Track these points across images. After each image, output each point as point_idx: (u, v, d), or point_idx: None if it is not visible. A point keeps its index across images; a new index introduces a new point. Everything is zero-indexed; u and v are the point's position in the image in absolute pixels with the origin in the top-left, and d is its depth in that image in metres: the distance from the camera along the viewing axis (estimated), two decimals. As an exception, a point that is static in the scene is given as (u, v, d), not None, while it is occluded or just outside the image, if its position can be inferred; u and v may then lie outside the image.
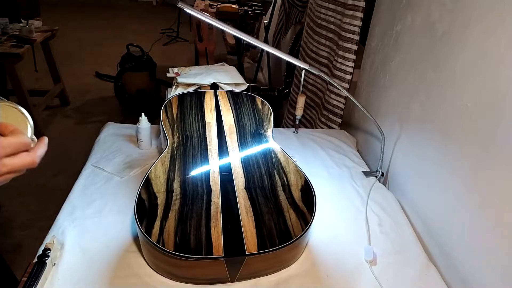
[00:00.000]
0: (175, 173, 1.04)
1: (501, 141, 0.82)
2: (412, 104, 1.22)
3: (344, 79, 1.67)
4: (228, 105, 1.35)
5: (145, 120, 1.32)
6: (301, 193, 1.02)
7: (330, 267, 0.95)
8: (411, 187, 1.21)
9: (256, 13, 3.29)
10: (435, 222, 1.06)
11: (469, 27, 0.95)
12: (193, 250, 0.83)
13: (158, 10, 6.40)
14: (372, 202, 1.20)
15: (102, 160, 1.27)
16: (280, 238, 0.88)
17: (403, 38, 1.30)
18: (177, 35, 4.84)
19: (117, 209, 1.05)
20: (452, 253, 0.98)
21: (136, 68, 2.96)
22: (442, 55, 1.06)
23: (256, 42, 1.30)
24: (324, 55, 1.87)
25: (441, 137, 1.05)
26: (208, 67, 1.71)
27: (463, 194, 0.95)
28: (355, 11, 1.55)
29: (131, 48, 3.01)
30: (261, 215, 0.94)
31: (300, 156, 1.39)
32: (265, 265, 0.90)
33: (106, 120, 1.55)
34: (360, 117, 1.67)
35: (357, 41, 1.59)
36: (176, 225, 0.88)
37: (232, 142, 1.20)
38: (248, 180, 1.05)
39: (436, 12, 1.10)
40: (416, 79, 1.20)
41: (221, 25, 1.24)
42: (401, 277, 0.94)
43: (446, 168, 1.02)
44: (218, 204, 0.95)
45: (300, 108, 1.52)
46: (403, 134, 1.27)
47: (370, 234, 1.07)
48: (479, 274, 0.88)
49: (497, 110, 0.84)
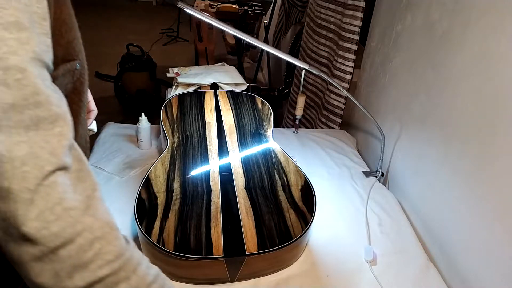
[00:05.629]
0: (175, 173, 1.04)
1: (501, 141, 0.82)
2: (412, 104, 1.22)
3: (344, 79, 1.67)
4: (228, 105, 1.35)
5: (145, 120, 1.32)
6: (301, 193, 1.02)
7: (330, 267, 0.95)
8: (411, 187, 1.21)
9: (256, 13, 3.28)
10: (435, 222, 1.06)
11: (469, 27, 0.95)
12: (193, 250, 0.83)
13: (158, 10, 6.40)
14: (372, 202, 1.20)
15: (102, 160, 1.27)
16: (280, 238, 0.88)
17: (403, 38, 1.30)
18: (177, 35, 4.84)
19: (117, 209, 1.05)
20: (452, 253, 0.98)
21: (136, 68, 2.96)
22: (442, 55, 1.06)
23: (256, 42, 1.30)
24: (324, 55, 1.87)
25: (441, 137, 1.05)
26: (208, 67, 1.71)
27: (463, 194, 0.95)
28: (355, 11, 1.55)
29: (131, 48, 3.01)
30: (261, 215, 0.94)
31: (300, 156, 1.39)
32: (265, 265, 0.90)
33: (106, 120, 1.55)
34: (360, 117, 1.67)
35: (357, 41, 1.59)
36: (176, 225, 0.88)
37: (232, 142, 1.20)
38: (248, 180, 1.05)
39: (436, 12, 1.10)
40: (416, 79, 1.20)
41: (221, 25, 1.24)
42: (401, 277, 0.94)
43: (446, 168, 1.02)
44: (218, 204, 0.95)
45: (300, 108, 1.52)
46: (403, 134, 1.27)
47: (370, 234, 1.07)
48: (479, 274, 0.88)
49: (497, 110, 0.84)
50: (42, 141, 0.40)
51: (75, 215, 0.41)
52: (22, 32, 0.39)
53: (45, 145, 0.40)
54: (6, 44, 0.37)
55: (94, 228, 0.43)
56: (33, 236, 0.39)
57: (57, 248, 0.40)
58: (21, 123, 0.39)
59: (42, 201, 0.40)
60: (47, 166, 0.40)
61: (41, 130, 0.40)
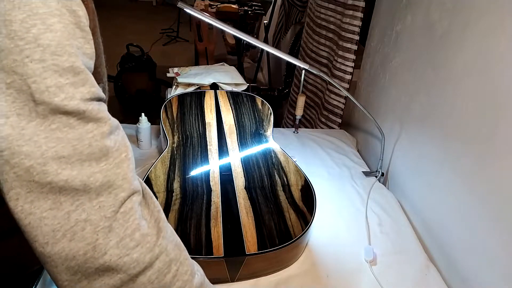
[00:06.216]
0: (175, 173, 1.04)
1: (501, 141, 0.82)
2: (412, 104, 1.22)
3: (344, 79, 1.67)
4: (228, 105, 1.35)
5: (145, 120, 1.32)
6: (301, 193, 1.02)
7: (330, 267, 0.95)
8: (411, 187, 1.21)
9: (256, 13, 3.29)
10: (435, 222, 1.06)
11: (469, 27, 0.95)
12: (193, 250, 0.83)
13: (158, 10, 6.40)
14: (372, 202, 1.20)
15: (102, 160, 1.27)
16: (280, 238, 0.88)
17: (403, 38, 1.30)
18: (177, 35, 4.84)
19: (117, 209, 1.05)
20: (452, 253, 0.98)
21: (136, 68, 2.96)
22: (442, 55, 1.06)
23: (256, 42, 1.30)
24: (324, 55, 1.87)
25: (441, 137, 1.05)
26: (208, 67, 1.71)
27: (463, 194, 0.95)
28: (355, 11, 1.55)
29: (131, 48, 3.01)
30: (261, 215, 0.94)
31: (300, 156, 1.39)
32: (265, 265, 0.90)
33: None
34: (360, 117, 1.67)
35: (357, 41, 1.59)
36: (176, 225, 0.88)
37: (232, 142, 1.20)
38: (248, 180, 1.05)
39: (436, 12, 1.10)
40: (416, 79, 1.20)
41: (221, 25, 1.24)
42: (401, 277, 0.94)
43: (446, 168, 1.02)
44: (218, 204, 0.95)
45: (300, 108, 1.52)
46: (403, 134, 1.27)
47: (370, 234, 1.07)
48: (479, 274, 0.88)
49: (497, 109, 0.84)
50: (114, 168, 0.42)
51: (151, 240, 0.42)
52: (78, 75, 0.40)
53: (118, 170, 0.42)
54: (63, 91, 0.38)
55: (169, 250, 0.44)
56: (114, 263, 0.39)
57: (137, 275, 0.40)
58: (92, 156, 0.40)
59: (122, 228, 0.40)
60: (122, 193, 0.41)
61: (111, 158, 0.42)
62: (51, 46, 0.38)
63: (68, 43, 0.39)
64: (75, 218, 0.38)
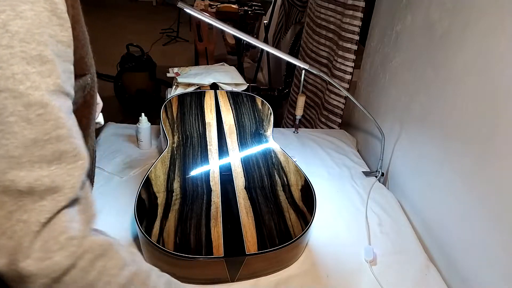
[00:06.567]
0: (175, 173, 1.04)
1: (501, 141, 0.82)
2: (412, 104, 1.22)
3: (344, 79, 1.67)
4: (228, 105, 1.35)
5: (145, 120, 1.32)
6: (301, 193, 1.02)
7: (330, 267, 0.95)
8: (411, 187, 1.21)
9: (256, 13, 3.28)
10: (435, 222, 1.06)
11: (469, 27, 0.95)
12: (193, 250, 0.83)
13: (158, 10, 6.40)
14: (372, 202, 1.20)
15: (102, 160, 1.27)
16: (280, 238, 0.88)
17: (403, 38, 1.30)
18: (177, 35, 4.84)
19: (117, 209, 1.05)
20: (452, 253, 0.98)
21: (136, 68, 2.96)
22: (442, 54, 1.06)
23: (256, 42, 1.30)
24: (324, 55, 1.87)
25: (441, 137, 1.05)
26: (208, 67, 1.71)
27: (463, 194, 0.95)
28: (355, 11, 1.55)
29: (131, 48, 3.00)
30: (261, 215, 0.94)
31: (300, 156, 1.39)
32: (265, 265, 0.90)
33: (106, 120, 1.54)
34: (360, 117, 1.67)
35: (357, 41, 1.59)
36: (176, 225, 0.88)
37: (232, 142, 1.20)
38: (248, 180, 1.05)
39: (436, 12, 1.10)
40: (416, 79, 1.20)
41: (221, 25, 1.24)
42: (401, 277, 0.94)
43: (446, 168, 1.02)
44: (218, 204, 0.95)
45: (300, 108, 1.52)
46: (403, 134, 1.27)
47: (370, 234, 1.07)
48: (479, 274, 0.88)
49: (497, 109, 0.84)
50: (65, 175, 0.40)
51: (76, 243, 0.41)
52: (45, 65, 0.39)
53: (68, 178, 0.40)
54: (29, 79, 0.37)
55: (94, 248, 0.42)
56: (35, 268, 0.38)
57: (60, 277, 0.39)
58: (44, 158, 0.39)
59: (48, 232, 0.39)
60: (63, 202, 0.40)
61: (64, 164, 0.40)
62: (20, 33, 0.37)
63: (38, 31, 0.38)
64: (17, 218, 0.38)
